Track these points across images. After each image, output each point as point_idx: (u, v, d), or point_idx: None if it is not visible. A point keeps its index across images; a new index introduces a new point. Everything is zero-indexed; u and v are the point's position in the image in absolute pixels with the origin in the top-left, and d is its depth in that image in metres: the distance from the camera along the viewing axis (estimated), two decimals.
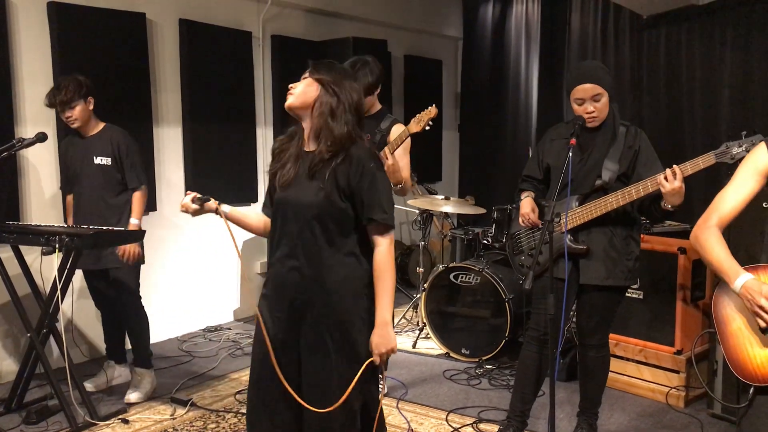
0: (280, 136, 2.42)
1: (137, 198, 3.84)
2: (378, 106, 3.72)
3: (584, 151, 3.06)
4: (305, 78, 2.30)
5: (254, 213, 2.44)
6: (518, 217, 3.27)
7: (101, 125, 3.85)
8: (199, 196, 2.33)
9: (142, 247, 3.92)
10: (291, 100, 2.28)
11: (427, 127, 3.41)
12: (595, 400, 3.29)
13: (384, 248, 2.24)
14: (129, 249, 3.75)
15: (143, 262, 3.96)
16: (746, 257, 2.23)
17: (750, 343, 2.04)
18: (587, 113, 2.98)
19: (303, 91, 2.27)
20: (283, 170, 2.30)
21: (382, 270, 2.24)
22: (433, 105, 3.41)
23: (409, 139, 3.48)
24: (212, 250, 5.28)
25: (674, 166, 2.79)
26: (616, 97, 3.16)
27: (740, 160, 2.61)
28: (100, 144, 3.80)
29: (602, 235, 3.03)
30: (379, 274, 2.24)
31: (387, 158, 3.42)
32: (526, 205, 3.20)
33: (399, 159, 3.49)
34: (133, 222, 3.80)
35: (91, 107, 3.78)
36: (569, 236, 3.01)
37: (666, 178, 2.76)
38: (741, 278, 2.03)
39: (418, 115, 3.43)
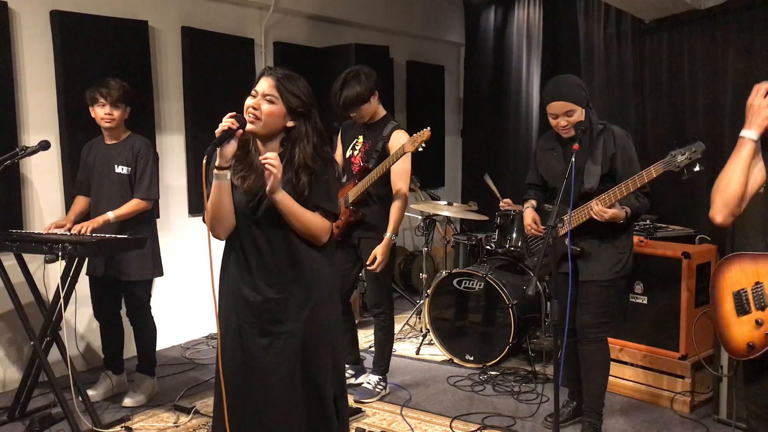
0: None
1: (134, 203, 3.75)
2: (382, 113, 3.83)
3: (568, 161, 3.18)
4: (269, 98, 2.24)
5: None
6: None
7: (126, 134, 3.86)
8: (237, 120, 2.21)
9: (157, 258, 3.93)
10: (256, 127, 2.25)
11: (420, 149, 3.59)
12: (597, 400, 3.36)
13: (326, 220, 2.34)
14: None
15: (161, 274, 3.97)
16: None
17: (732, 323, 2.28)
18: (561, 127, 3.20)
19: (271, 116, 2.25)
20: (248, 179, 2.30)
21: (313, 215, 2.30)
22: (428, 128, 3.58)
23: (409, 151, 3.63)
24: (215, 256, 5.27)
25: (596, 202, 3.09)
26: (618, 102, 3.25)
27: (685, 167, 2.90)
28: (123, 153, 3.79)
29: (593, 235, 3.25)
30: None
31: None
32: (528, 216, 3.45)
33: (396, 165, 3.67)
34: (108, 214, 3.67)
35: (126, 116, 3.81)
36: (567, 239, 3.19)
37: (596, 215, 3.09)
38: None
39: (414, 135, 3.57)
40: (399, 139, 3.69)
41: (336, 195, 2.39)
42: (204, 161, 2.13)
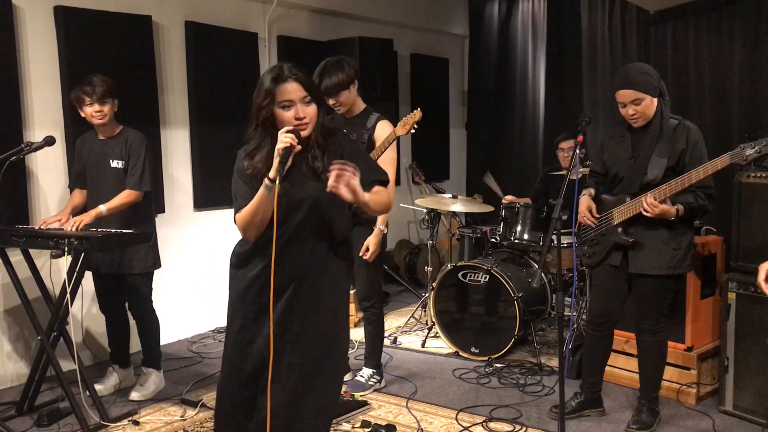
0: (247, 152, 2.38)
1: (124, 194, 3.72)
2: (362, 106, 3.82)
3: (635, 150, 3.28)
4: (307, 100, 2.27)
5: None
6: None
7: (119, 128, 3.85)
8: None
9: (156, 251, 3.94)
10: (308, 132, 2.28)
11: (413, 130, 3.57)
12: (651, 385, 3.46)
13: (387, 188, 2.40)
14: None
15: (159, 266, 3.98)
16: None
17: None
18: (629, 116, 3.21)
19: (316, 117, 2.30)
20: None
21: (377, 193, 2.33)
22: (418, 109, 3.58)
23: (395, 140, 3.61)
24: (221, 250, 5.28)
25: (650, 194, 3.08)
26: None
27: (753, 161, 2.86)
28: (117, 147, 3.79)
29: (649, 227, 3.23)
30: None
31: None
32: (582, 203, 3.43)
33: (383, 155, 3.64)
34: (100, 208, 3.65)
35: (115, 109, 3.79)
36: (620, 229, 3.26)
37: (646, 208, 3.08)
38: None
39: (404, 118, 3.56)
40: (384, 129, 3.69)
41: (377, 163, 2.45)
42: (278, 182, 2.16)
